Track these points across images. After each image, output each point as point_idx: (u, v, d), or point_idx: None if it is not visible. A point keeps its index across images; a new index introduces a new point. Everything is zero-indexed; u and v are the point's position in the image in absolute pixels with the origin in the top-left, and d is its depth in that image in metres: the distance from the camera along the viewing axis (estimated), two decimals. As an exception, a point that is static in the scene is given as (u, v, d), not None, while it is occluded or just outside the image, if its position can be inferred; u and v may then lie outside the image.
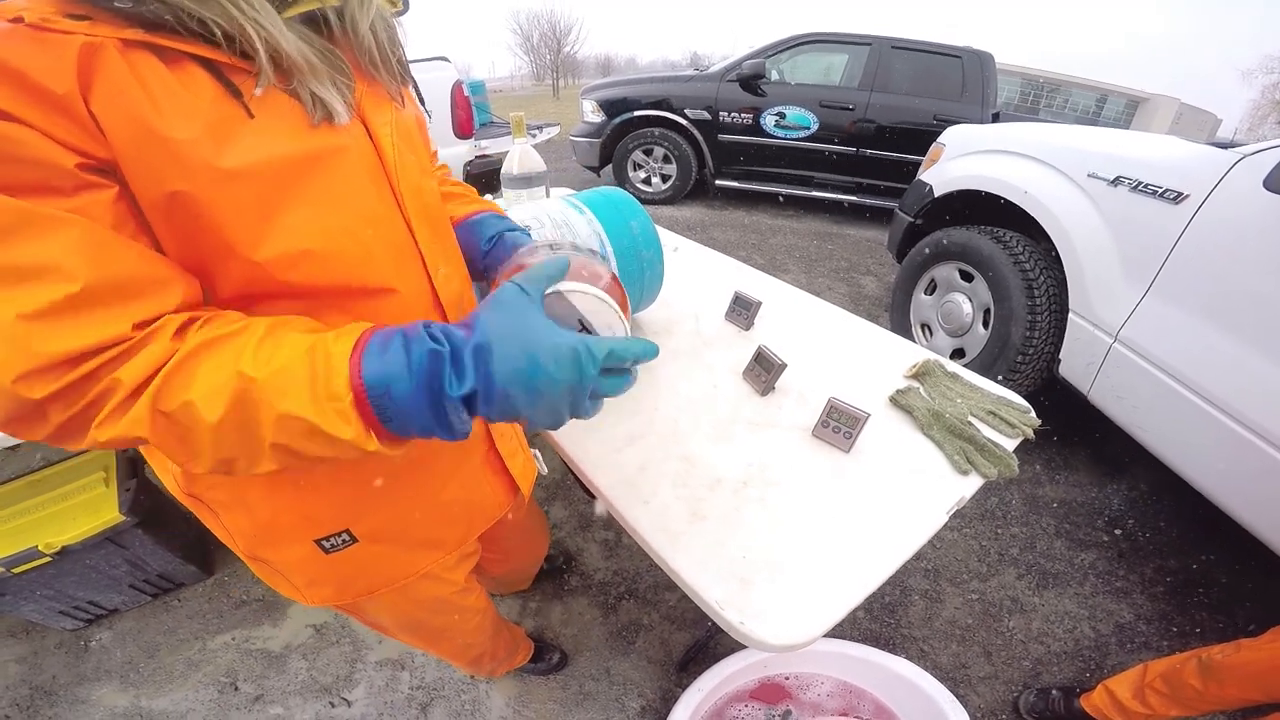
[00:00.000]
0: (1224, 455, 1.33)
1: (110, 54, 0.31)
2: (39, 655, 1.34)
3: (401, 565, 0.64)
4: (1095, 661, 1.40)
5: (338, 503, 0.54)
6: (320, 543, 0.54)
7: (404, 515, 0.59)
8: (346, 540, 0.55)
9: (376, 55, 0.45)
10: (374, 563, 0.60)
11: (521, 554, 1.12)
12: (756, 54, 4.33)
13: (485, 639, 0.95)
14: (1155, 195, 1.52)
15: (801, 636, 0.63)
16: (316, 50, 0.39)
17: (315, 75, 0.38)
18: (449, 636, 0.87)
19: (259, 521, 0.52)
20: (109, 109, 0.31)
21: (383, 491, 0.55)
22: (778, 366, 0.96)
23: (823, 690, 1.16)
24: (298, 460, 0.36)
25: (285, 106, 0.38)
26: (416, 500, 0.59)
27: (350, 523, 0.55)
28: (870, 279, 3.57)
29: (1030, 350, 1.84)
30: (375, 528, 0.57)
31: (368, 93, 0.45)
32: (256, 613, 1.43)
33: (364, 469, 0.53)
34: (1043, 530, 1.76)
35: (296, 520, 0.53)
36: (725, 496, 0.80)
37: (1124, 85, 14.02)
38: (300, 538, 0.54)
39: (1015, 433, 0.93)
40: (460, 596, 0.79)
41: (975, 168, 2.15)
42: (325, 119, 0.39)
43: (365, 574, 0.62)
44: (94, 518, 1.20)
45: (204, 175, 0.34)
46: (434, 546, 0.66)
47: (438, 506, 0.62)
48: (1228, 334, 1.33)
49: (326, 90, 0.39)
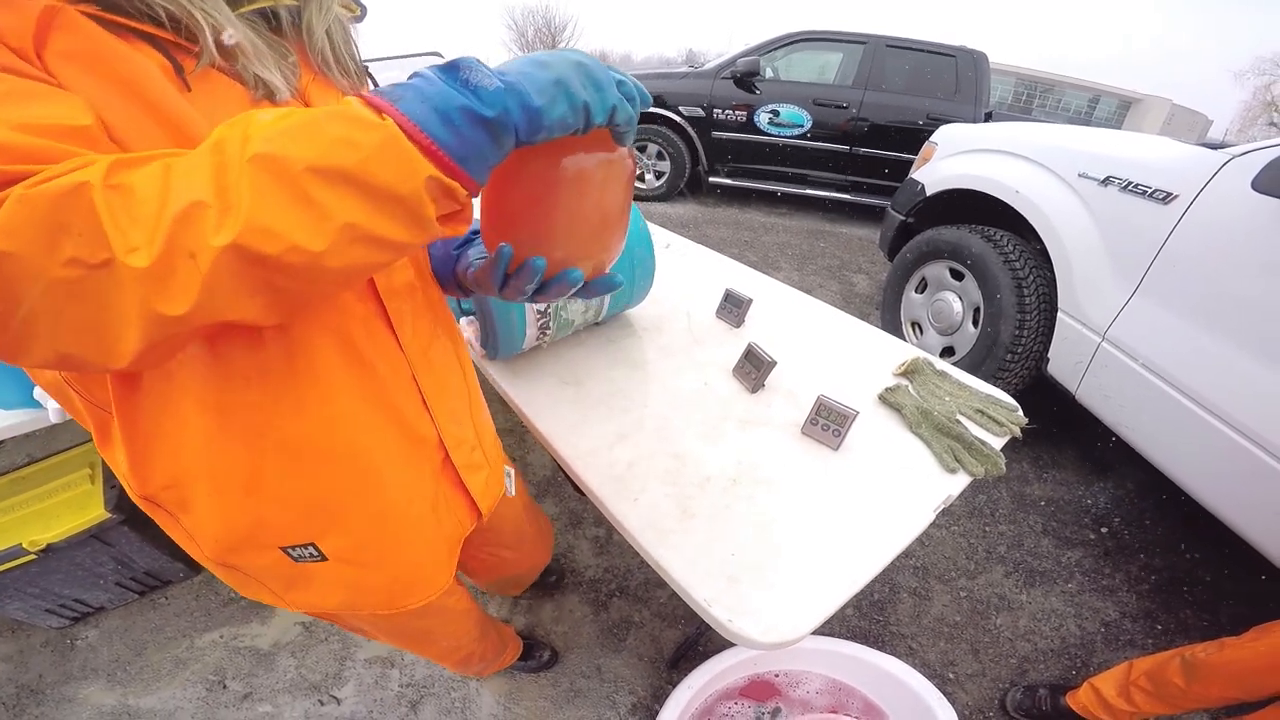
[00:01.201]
0: (1210, 455, 1.34)
1: (70, 14, 0.33)
2: (25, 654, 1.33)
3: (386, 595, 0.62)
4: (1081, 659, 1.42)
5: (292, 512, 0.51)
6: (288, 550, 0.53)
7: (371, 539, 0.56)
8: (315, 554, 0.54)
9: (330, 55, 0.47)
10: (356, 584, 0.59)
11: (517, 562, 1.06)
12: (751, 51, 4.32)
13: (471, 641, 0.94)
14: (1145, 195, 1.53)
15: (790, 634, 0.64)
16: (263, 38, 0.41)
17: (259, 58, 0.40)
18: (433, 640, 0.85)
19: (219, 524, 0.50)
20: (61, 60, 0.33)
21: (335, 506, 0.53)
22: (767, 364, 0.97)
23: (812, 688, 1.17)
24: (282, 189, 0.28)
25: (223, 86, 0.39)
26: (376, 519, 0.56)
27: (314, 537, 0.53)
28: (862, 277, 3.58)
29: (1019, 349, 1.85)
30: (343, 547, 0.55)
31: (314, 83, 0.46)
32: (245, 610, 1.42)
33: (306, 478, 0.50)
34: (1030, 528, 1.77)
35: (257, 525, 0.51)
36: (715, 494, 0.80)
37: (1117, 86, 14.10)
38: (265, 543, 0.52)
39: (1003, 431, 0.94)
40: (441, 599, 0.76)
41: (967, 167, 2.16)
42: (266, 96, 0.41)
43: (345, 590, 0.59)
44: (79, 515, 1.18)
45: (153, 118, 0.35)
46: (423, 580, 0.64)
47: (405, 527, 0.59)
48: (1214, 334, 1.35)
49: (269, 72, 0.40)
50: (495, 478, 0.72)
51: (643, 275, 1.05)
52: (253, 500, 0.49)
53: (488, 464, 0.70)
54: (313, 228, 0.29)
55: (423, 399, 0.57)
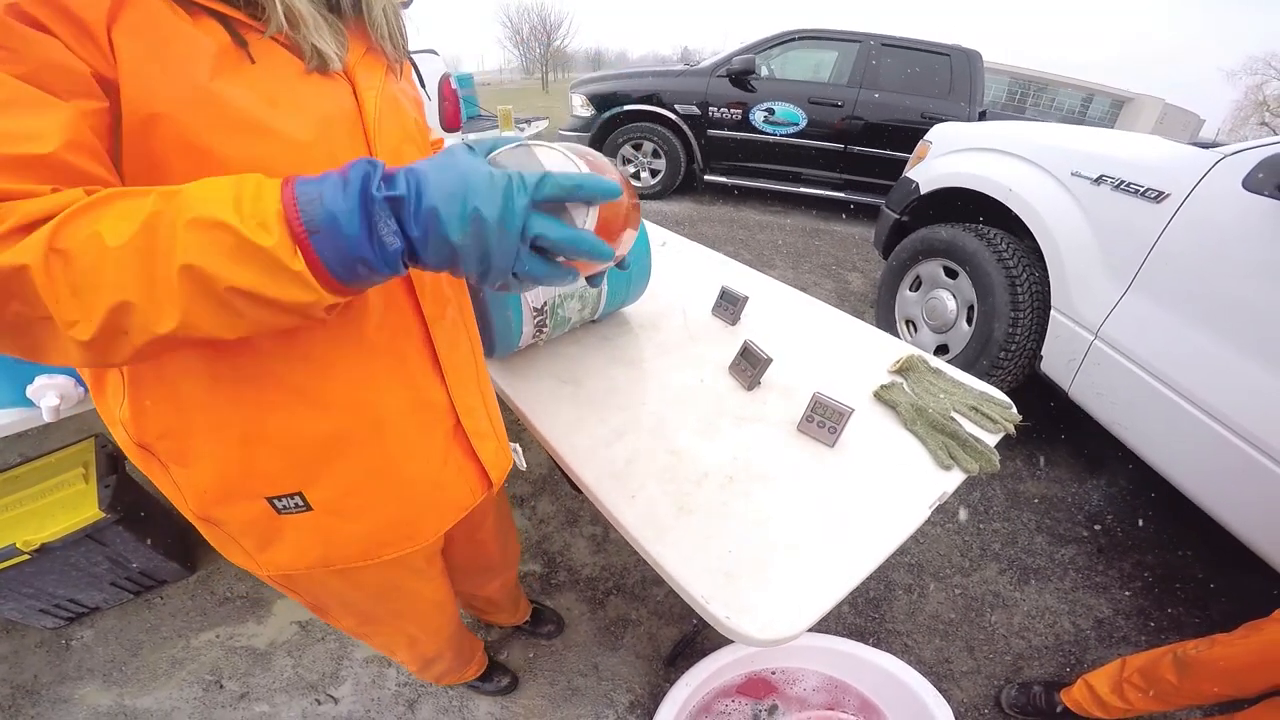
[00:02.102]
0: (1201, 452, 1.35)
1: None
2: (19, 654, 1.32)
3: (357, 546, 0.60)
4: (1075, 656, 1.43)
5: (288, 459, 0.52)
6: (273, 501, 0.53)
7: (360, 487, 0.56)
8: (300, 504, 0.54)
9: (385, 31, 0.51)
10: (332, 536, 0.58)
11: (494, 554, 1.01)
12: (747, 50, 4.33)
13: (439, 640, 0.92)
14: (1137, 194, 1.54)
15: (787, 631, 0.64)
16: (321, 14, 0.45)
17: (318, 29, 0.44)
18: (399, 622, 0.81)
19: (209, 474, 0.51)
20: (126, 36, 0.36)
21: (334, 454, 0.53)
22: (764, 361, 0.97)
23: (808, 685, 1.18)
24: (207, 300, 0.32)
25: (280, 59, 0.43)
26: (373, 471, 0.56)
27: (303, 485, 0.53)
28: (856, 275, 3.59)
29: (1013, 346, 1.86)
30: (330, 497, 0.55)
31: (363, 60, 0.49)
32: (241, 610, 1.42)
33: (311, 423, 0.51)
34: (1024, 526, 1.79)
35: (247, 474, 0.51)
36: (711, 491, 0.80)
37: (1110, 85, 14.17)
38: (252, 493, 0.52)
39: (997, 428, 0.95)
40: (415, 581, 0.75)
41: (961, 165, 2.17)
42: (318, 68, 0.44)
43: (319, 546, 0.58)
44: (74, 514, 1.18)
45: (191, 94, 0.38)
46: (403, 536, 0.62)
47: (399, 484, 0.59)
48: (1206, 332, 1.36)
49: (325, 43, 0.44)
50: (503, 449, 0.73)
51: (639, 273, 1.05)
52: (248, 449, 0.50)
53: (495, 435, 0.71)
54: (230, 323, 0.35)
55: (436, 362, 0.58)
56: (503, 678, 1.27)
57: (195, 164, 0.38)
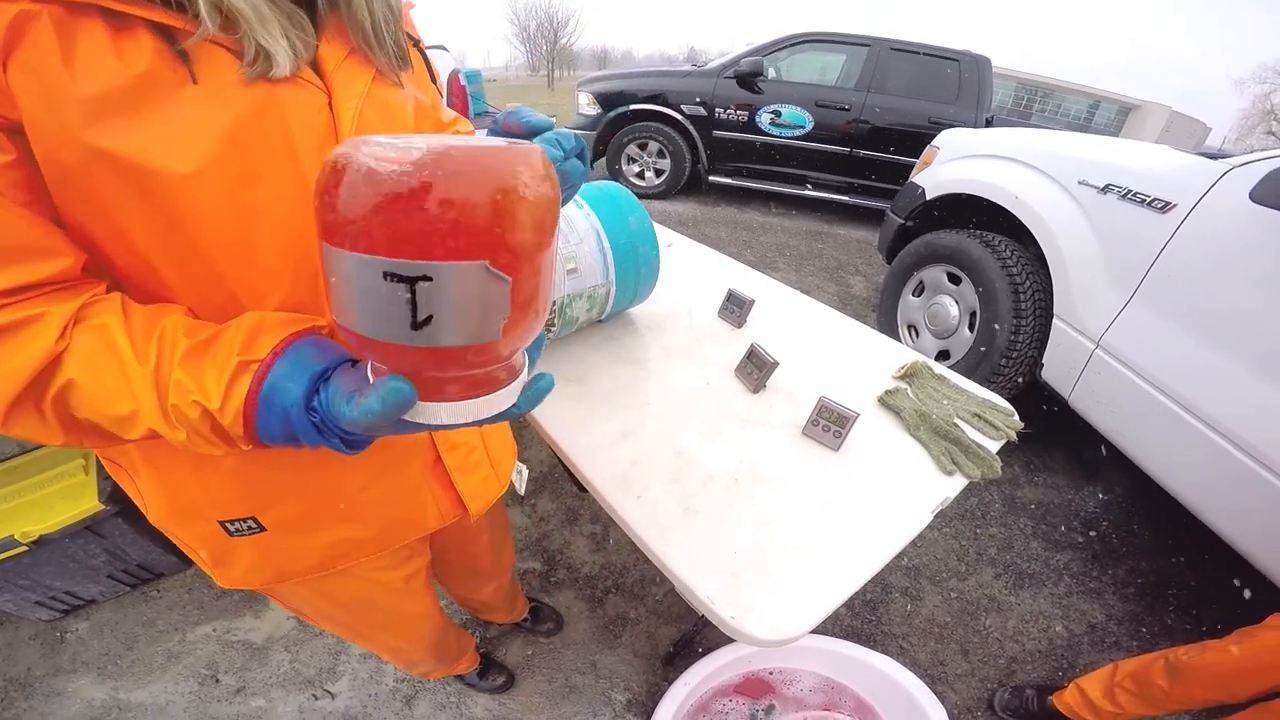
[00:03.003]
0: (1201, 464, 1.36)
1: (41, 23, 0.31)
2: (13, 646, 1.31)
3: (312, 559, 0.59)
4: (1068, 660, 1.44)
5: (242, 488, 0.51)
6: (225, 525, 0.52)
7: (316, 509, 0.55)
8: (253, 527, 0.53)
9: (370, 31, 0.43)
10: (284, 553, 0.57)
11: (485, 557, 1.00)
12: (755, 51, 4.32)
13: (421, 648, 0.91)
14: (1143, 204, 1.55)
15: (791, 631, 0.64)
16: (273, 4, 0.37)
17: (263, 23, 0.36)
18: (373, 636, 0.82)
19: (166, 492, 0.51)
20: (22, 75, 0.31)
21: (291, 485, 0.52)
22: (770, 365, 0.97)
23: (805, 685, 1.18)
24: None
25: (223, 65, 0.36)
26: (329, 495, 0.55)
27: (256, 511, 0.52)
28: (859, 279, 3.60)
29: (1014, 354, 1.87)
30: (283, 518, 0.54)
31: (343, 64, 0.42)
32: (238, 604, 1.41)
33: (270, 456, 0.49)
34: (1020, 531, 1.80)
35: (201, 497, 0.51)
36: (717, 493, 0.80)
37: (1116, 92, 14.16)
38: (205, 515, 0.52)
39: (999, 435, 0.95)
40: (393, 598, 0.74)
41: (968, 172, 2.17)
42: (261, 73, 0.37)
43: (274, 562, 0.57)
44: (72, 506, 1.17)
45: (73, 152, 0.33)
46: (352, 546, 0.60)
47: (356, 505, 0.57)
48: (1209, 344, 1.36)
49: (273, 40, 0.36)
50: (495, 478, 0.70)
51: (647, 274, 1.05)
52: (200, 475, 0.49)
53: (490, 464, 0.68)
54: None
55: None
56: (498, 676, 1.27)
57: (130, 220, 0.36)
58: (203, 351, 0.37)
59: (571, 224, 0.95)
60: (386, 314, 0.27)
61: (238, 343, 0.37)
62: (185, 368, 0.36)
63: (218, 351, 0.37)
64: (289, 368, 0.36)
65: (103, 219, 0.36)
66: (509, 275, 0.27)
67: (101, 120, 0.33)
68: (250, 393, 0.35)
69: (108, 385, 0.35)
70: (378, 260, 0.25)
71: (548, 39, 47.07)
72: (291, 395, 0.35)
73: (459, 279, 0.26)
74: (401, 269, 0.25)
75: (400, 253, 0.25)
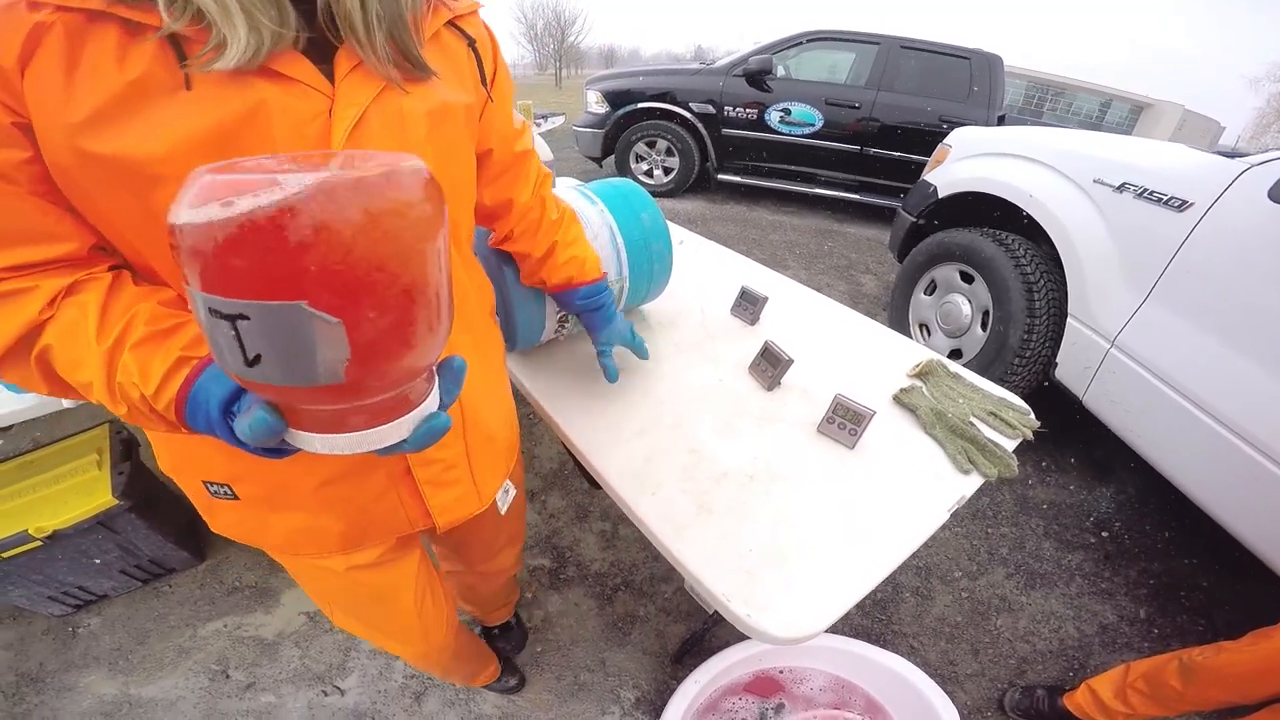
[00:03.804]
0: (1217, 464, 1.34)
1: (55, 32, 0.33)
2: (25, 642, 1.32)
3: (278, 537, 0.61)
4: (1079, 661, 1.43)
5: (217, 458, 0.54)
6: (206, 484, 0.56)
7: (278, 494, 0.57)
8: (229, 494, 0.57)
9: (360, 29, 0.41)
10: (255, 524, 0.60)
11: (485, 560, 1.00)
12: (764, 49, 4.31)
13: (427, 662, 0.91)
14: (1160, 203, 1.53)
15: (807, 629, 0.64)
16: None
17: (226, 15, 0.35)
18: (377, 630, 0.82)
19: (166, 446, 0.56)
20: (33, 81, 0.34)
21: (256, 463, 0.53)
22: (785, 362, 0.97)
23: (815, 684, 1.18)
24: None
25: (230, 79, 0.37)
26: (290, 483, 0.56)
27: (230, 480, 0.56)
28: (869, 277, 3.58)
29: (1027, 353, 1.86)
30: (252, 494, 0.57)
31: (355, 70, 0.42)
32: (249, 599, 1.42)
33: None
34: (1032, 531, 1.78)
35: (189, 457, 0.56)
36: (731, 490, 0.80)
37: (1129, 90, 13.97)
38: (192, 473, 0.57)
39: (1015, 434, 0.94)
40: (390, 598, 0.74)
41: (981, 170, 2.16)
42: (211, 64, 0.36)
43: (245, 527, 0.61)
44: (86, 501, 1.18)
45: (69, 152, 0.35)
46: (317, 536, 0.61)
47: (316, 498, 0.58)
48: (1226, 344, 1.35)
49: (233, 31, 0.35)
50: (472, 496, 0.68)
51: (660, 271, 1.05)
52: (188, 439, 0.52)
53: (472, 483, 0.67)
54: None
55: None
56: (510, 678, 1.26)
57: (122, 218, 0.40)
58: (158, 340, 0.39)
59: (585, 220, 0.94)
60: (222, 349, 0.27)
61: (188, 338, 0.40)
62: (135, 353, 0.38)
63: (171, 343, 0.39)
64: (218, 371, 0.38)
65: (100, 216, 0.39)
66: (336, 316, 0.25)
67: (94, 128, 0.35)
68: (182, 386, 0.38)
69: (74, 355, 0.38)
70: (201, 295, 0.25)
71: (555, 37, 47.11)
72: (214, 398, 0.37)
73: (272, 319, 0.25)
74: (220, 305, 0.25)
75: (215, 290, 0.25)
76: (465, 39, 0.53)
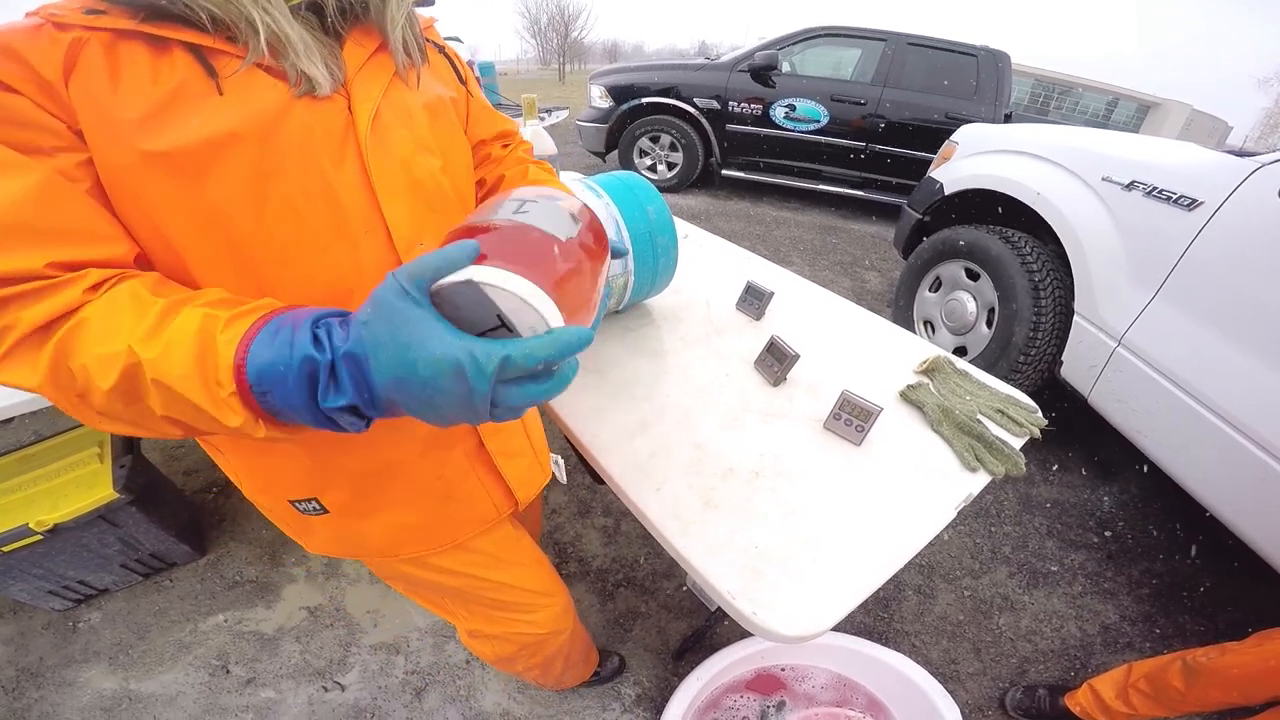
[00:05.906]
0: (1223, 464, 1.33)
1: (93, 47, 0.36)
2: (25, 636, 1.31)
3: (377, 542, 0.63)
4: (1081, 660, 1.42)
5: (301, 472, 0.55)
6: (294, 504, 0.57)
7: (368, 491, 0.58)
8: (318, 508, 0.57)
9: (399, 35, 0.47)
10: (350, 534, 0.61)
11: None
12: (769, 45, 4.29)
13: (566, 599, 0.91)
14: (1169, 201, 1.52)
15: (813, 627, 0.63)
16: (313, 35, 0.43)
17: (307, 53, 0.41)
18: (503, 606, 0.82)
19: (246, 473, 0.57)
20: (79, 92, 0.36)
21: (339, 465, 0.55)
22: (790, 358, 0.96)
23: (817, 682, 1.17)
24: (196, 433, 0.38)
25: (261, 84, 0.40)
26: (382, 483, 0.58)
27: (317, 493, 0.56)
28: (873, 274, 3.56)
29: (1033, 351, 1.85)
30: (340, 502, 0.58)
31: (361, 72, 0.46)
32: (249, 594, 1.42)
33: (318, 444, 0.53)
34: (1035, 530, 1.78)
35: (271, 479, 0.56)
36: (737, 486, 0.79)
37: (1135, 89, 13.84)
38: (277, 495, 0.57)
39: (1022, 431, 0.93)
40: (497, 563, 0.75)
41: (988, 167, 2.14)
42: (308, 91, 0.42)
43: (343, 541, 0.62)
44: (87, 495, 1.17)
45: (128, 159, 0.37)
46: (417, 538, 0.64)
47: (409, 492, 0.60)
48: (1235, 343, 1.34)
49: (314, 67, 0.42)
50: (538, 464, 0.73)
51: (665, 264, 1.04)
52: (266, 459, 0.54)
53: (531, 450, 0.71)
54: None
55: None
56: (611, 659, 1.28)
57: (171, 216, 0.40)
58: (231, 303, 0.39)
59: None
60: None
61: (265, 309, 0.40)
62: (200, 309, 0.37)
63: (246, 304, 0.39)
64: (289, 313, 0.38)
65: (146, 216, 0.40)
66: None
67: (145, 129, 0.37)
68: (260, 319, 0.37)
69: (113, 323, 0.35)
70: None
71: (559, 33, 46.98)
72: (301, 317, 0.36)
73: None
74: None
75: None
76: (435, 46, 0.57)
